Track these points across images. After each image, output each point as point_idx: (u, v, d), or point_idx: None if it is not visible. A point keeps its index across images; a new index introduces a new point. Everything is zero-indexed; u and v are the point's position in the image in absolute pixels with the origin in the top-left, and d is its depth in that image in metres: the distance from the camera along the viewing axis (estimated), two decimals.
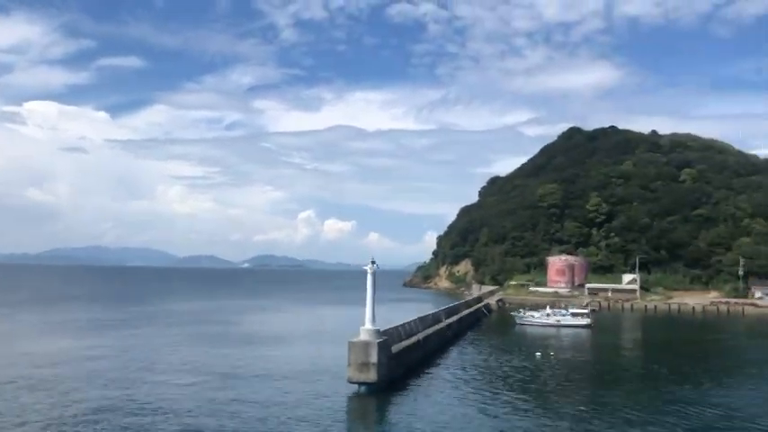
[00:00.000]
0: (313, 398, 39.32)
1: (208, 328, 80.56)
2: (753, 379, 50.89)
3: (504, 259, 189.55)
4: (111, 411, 34.39)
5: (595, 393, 43.49)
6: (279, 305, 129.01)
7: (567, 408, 38.09)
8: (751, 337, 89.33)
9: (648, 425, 33.95)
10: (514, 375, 50.17)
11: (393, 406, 37.97)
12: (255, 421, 33.23)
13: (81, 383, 41.99)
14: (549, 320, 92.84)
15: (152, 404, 36.40)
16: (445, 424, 33.68)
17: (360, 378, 40.70)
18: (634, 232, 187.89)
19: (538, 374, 51.02)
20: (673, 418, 35.40)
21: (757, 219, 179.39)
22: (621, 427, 33.56)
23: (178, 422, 32.71)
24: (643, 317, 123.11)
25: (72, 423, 31.87)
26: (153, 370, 47.84)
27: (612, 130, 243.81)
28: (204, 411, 35.10)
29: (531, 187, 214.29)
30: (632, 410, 37.40)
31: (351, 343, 41.29)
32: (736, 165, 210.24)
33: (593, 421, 34.68)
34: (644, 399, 41.39)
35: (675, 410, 37.43)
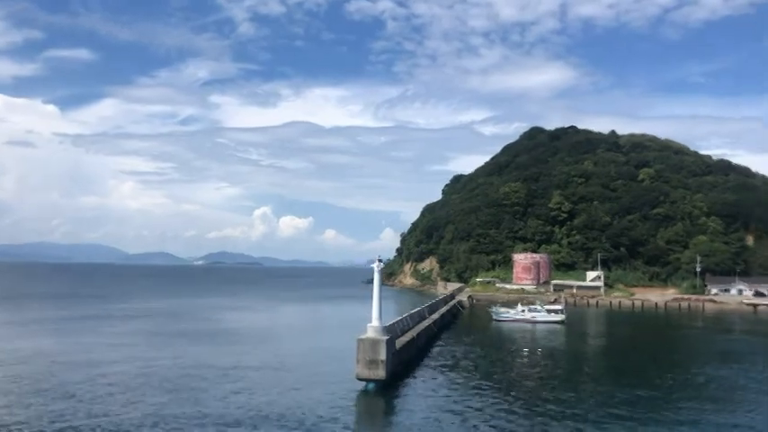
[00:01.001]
0: (323, 395, 39.30)
1: (194, 326, 79.58)
2: (727, 366, 53.01)
3: (469, 256, 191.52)
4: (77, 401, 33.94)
5: (593, 383, 44.68)
6: (254, 304, 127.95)
7: (566, 397, 39.15)
8: (718, 332, 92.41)
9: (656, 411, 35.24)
10: (511, 371, 51.12)
11: (403, 403, 38.30)
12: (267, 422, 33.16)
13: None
14: (524, 316, 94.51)
15: (168, 397, 36.10)
16: (459, 420, 34.22)
17: (369, 375, 40.92)
18: (595, 230, 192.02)
19: (532, 370, 52.05)
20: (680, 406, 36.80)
21: (713, 217, 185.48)
22: (616, 416, 34.72)
23: (184, 414, 32.63)
24: (609, 313, 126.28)
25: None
26: (158, 366, 47.24)
27: (573, 130, 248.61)
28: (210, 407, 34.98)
29: (495, 185, 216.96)
30: (632, 402, 38.71)
31: (360, 340, 41.42)
32: (692, 165, 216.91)
33: (593, 408, 35.79)
34: (642, 389, 42.76)
35: (681, 398, 38.91)
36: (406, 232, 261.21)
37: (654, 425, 33.56)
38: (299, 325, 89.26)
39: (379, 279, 44.58)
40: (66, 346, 58.32)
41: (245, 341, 65.48)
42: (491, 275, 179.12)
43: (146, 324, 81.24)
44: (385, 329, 43.12)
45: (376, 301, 43.59)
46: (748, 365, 56.72)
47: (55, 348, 57.04)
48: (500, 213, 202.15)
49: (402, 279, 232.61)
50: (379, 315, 43.29)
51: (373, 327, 42.64)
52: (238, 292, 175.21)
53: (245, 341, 65.51)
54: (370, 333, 42.17)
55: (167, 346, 59.41)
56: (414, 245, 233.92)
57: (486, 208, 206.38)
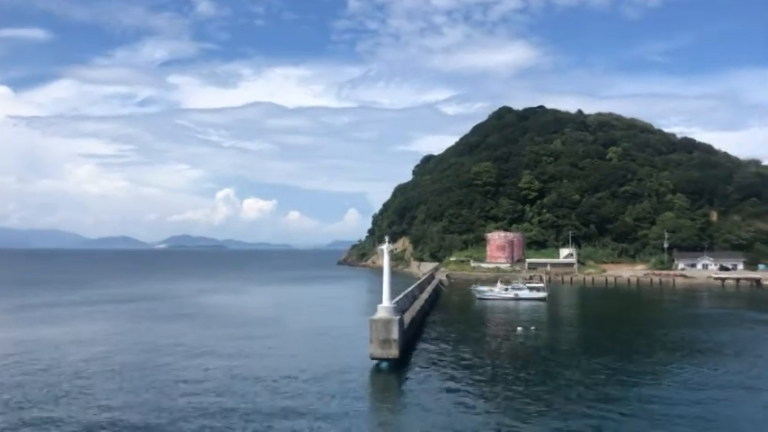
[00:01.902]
0: (337, 373, 39.82)
1: (183, 310, 79.11)
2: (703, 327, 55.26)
3: (442, 236, 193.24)
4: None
5: (588, 354, 46.13)
6: (236, 287, 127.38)
7: (567, 374, 40.51)
8: (693, 305, 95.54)
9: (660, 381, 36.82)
10: (510, 349, 52.29)
11: (417, 380, 39.06)
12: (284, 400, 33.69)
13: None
14: (508, 294, 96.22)
15: (179, 383, 36.30)
16: (473, 394, 35.21)
17: (382, 354, 41.68)
18: (565, 208, 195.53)
19: (530, 347, 53.32)
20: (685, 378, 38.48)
21: (678, 194, 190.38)
22: (626, 386, 36.17)
23: (203, 399, 32.96)
24: (584, 289, 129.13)
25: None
26: (160, 352, 47.13)
27: (541, 110, 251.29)
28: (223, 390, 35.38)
29: (466, 166, 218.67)
30: (639, 374, 40.28)
31: (372, 320, 42.07)
32: (658, 143, 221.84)
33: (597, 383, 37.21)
34: (641, 362, 44.42)
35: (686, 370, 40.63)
36: (378, 213, 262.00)
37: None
38: (290, 306, 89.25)
39: (388, 261, 45.22)
40: (67, 334, 57.68)
41: (243, 325, 65.52)
42: (465, 255, 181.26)
43: (138, 308, 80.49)
44: (395, 309, 43.81)
45: (386, 282, 44.22)
46: (717, 330, 59.15)
47: (59, 337, 56.38)
48: (472, 193, 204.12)
49: (375, 260, 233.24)
50: (389, 296, 43.93)
51: (385, 307, 43.36)
52: (213, 276, 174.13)
53: (243, 325, 65.54)
54: (382, 313, 42.85)
55: (165, 329, 59.26)
56: (386, 225, 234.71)
57: (457, 188, 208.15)
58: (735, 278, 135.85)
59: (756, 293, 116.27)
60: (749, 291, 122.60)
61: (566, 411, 31.68)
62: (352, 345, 53.24)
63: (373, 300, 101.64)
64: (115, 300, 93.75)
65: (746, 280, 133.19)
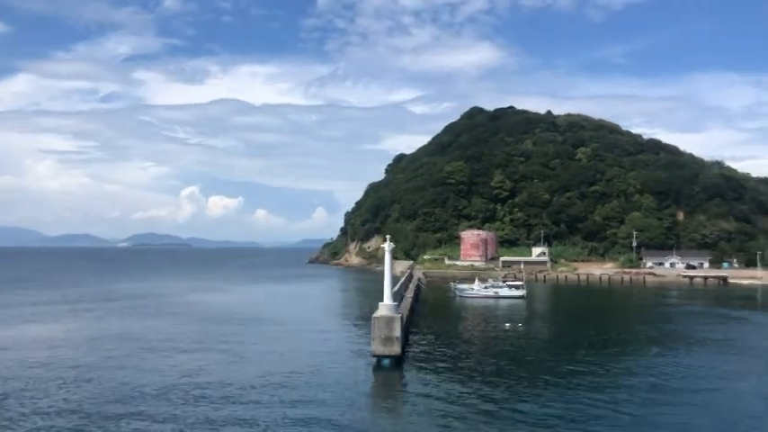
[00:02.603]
0: (339, 375, 40.39)
1: (168, 309, 78.64)
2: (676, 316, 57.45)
3: (416, 234, 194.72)
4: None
5: (581, 355, 47.70)
6: (215, 286, 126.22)
7: (557, 359, 41.94)
8: (667, 303, 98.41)
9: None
10: (503, 344, 53.46)
11: (420, 377, 39.89)
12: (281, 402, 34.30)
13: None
14: (487, 292, 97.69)
15: (181, 379, 36.58)
16: (474, 388, 36.28)
17: (385, 352, 42.30)
18: (536, 207, 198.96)
19: (521, 342, 54.63)
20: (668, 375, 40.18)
21: (646, 194, 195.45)
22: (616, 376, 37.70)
23: (208, 393, 33.36)
24: (557, 286, 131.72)
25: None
26: (156, 348, 47.15)
27: (512, 111, 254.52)
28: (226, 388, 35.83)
29: (439, 165, 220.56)
30: (624, 371, 41.88)
31: (375, 318, 42.68)
32: (625, 144, 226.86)
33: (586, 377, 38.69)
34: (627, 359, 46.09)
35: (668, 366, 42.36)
36: (351, 211, 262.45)
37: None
38: (274, 304, 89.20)
39: (389, 260, 45.93)
40: (61, 333, 57.17)
41: (230, 323, 65.54)
42: (438, 253, 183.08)
43: (123, 307, 79.72)
44: (397, 307, 44.61)
45: (387, 280, 44.93)
46: (697, 325, 61.46)
47: (61, 336, 55.84)
48: (445, 192, 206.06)
49: (348, 258, 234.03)
50: (390, 294, 44.68)
51: (386, 305, 44.04)
52: (188, 274, 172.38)
53: (231, 323, 65.57)
54: (383, 311, 43.50)
55: (159, 327, 59.10)
56: (359, 224, 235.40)
57: (431, 187, 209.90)
58: (703, 276, 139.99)
59: (724, 291, 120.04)
60: (717, 288, 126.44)
61: (566, 401, 32.95)
62: (348, 342, 54.05)
63: (355, 298, 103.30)
64: (94, 299, 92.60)
65: (714, 278, 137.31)
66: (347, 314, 79.58)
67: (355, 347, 50.33)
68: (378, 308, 44.40)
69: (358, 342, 53.05)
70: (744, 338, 58.14)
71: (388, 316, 42.87)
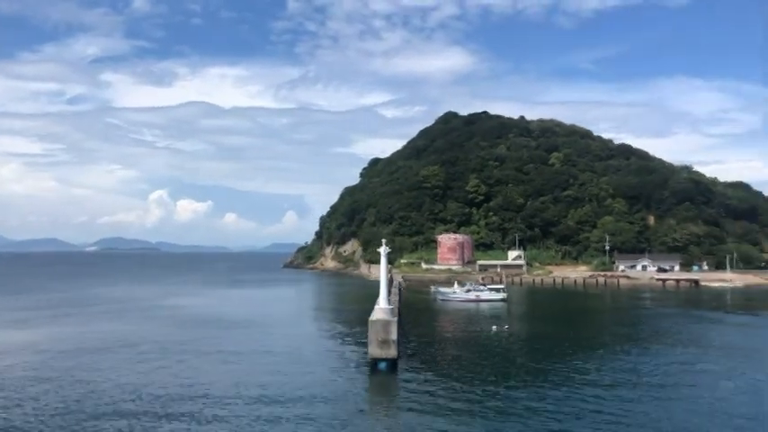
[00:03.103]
0: (336, 377, 40.99)
1: (157, 312, 78.13)
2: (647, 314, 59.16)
3: (392, 238, 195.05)
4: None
5: (569, 354, 48.93)
6: (193, 290, 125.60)
7: (551, 359, 43.07)
8: (642, 305, 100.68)
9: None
10: (492, 346, 54.45)
11: (416, 379, 40.58)
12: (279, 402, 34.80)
13: None
14: (469, 296, 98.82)
15: (175, 381, 36.79)
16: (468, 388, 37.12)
17: (381, 354, 42.87)
18: (510, 211, 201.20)
19: (510, 343, 55.69)
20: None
21: (618, 199, 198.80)
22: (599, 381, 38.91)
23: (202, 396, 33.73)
24: (534, 289, 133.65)
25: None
26: (139, 349, 47.09)
27: (486, 116, 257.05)
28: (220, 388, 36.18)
29: (414, 169, 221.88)
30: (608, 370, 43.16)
31: (371, 321, 43.29)
32: (597, 149, 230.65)
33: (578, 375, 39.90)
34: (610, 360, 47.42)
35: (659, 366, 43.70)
36: (326, 215, 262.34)
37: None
38: (262, 308, 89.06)
39: (385, 264, 46.65)
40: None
41: (219, 327, 65.46)
42: (415, 257, 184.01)
43: (107, 311, 79.04)
44: (393, 311, 45.25)
45: (383, 284, 45.61)
46: (676, 325, 63.31)
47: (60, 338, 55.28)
48: (421, 196, 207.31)
49: (323, 262, 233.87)
50: (386, 297, 45.34)
51: (382, 308, 44.67)
52: (163, 279, 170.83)
53: (220, 327, 65.49)
54: (380, 315, 44.08)
55: (146, 331, 58.84)
56: (335, 228, 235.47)
57: (406, 191, 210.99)
58: (675, 279, 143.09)
59: (695, 293, 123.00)
60: (688, 291, 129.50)
61: (560, 399, 33.98)
62: (341, 345, 54.57)
63: (340, 302, 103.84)
64: (71, 304, 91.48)
65: (686, 281, 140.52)
66: (335, 318, 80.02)
67: (349, 350, 50.96)
68: (374, 311, 45.01)
69: (351, 345, 53.69)
70: (715, 338, 60.34)
71: (384, 319, 43.47)
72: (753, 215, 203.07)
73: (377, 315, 44.24)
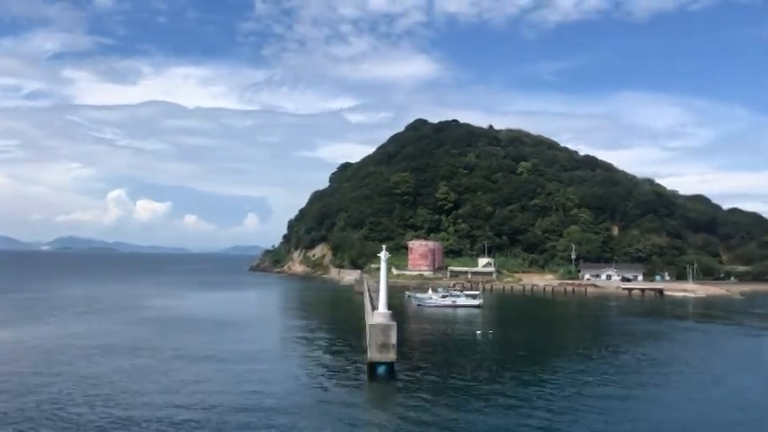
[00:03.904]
0: (336, 380, 41.82)
1: (140, 313, 77.42)
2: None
3: (363, 243, 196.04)
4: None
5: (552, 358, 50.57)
6: (165, 292, 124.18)
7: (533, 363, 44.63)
8: (612, 313, 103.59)
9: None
10: (480, 350, 55.84)
11: (415, 382, 41.60)
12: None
13: None
14: (445, 301, 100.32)
15: (175, 386, 37.15)
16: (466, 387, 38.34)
17: (381, 358, 43.66)
18: (479, 219, 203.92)
19: (497, 348, 57.16)
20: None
21: (583, 209, 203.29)
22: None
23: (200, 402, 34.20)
24: (505, 296, 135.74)
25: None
26: (139, 355, 47.06)
27: (455, 124, 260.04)
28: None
29: (385, 175, 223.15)
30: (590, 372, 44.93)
31: (371, 326, 44.11)
32: (563, 160, 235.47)
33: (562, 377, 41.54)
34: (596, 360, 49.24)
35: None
36: (294, 219, 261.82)
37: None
38: (244, 312, 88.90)
39: (385, 269, 47.45)
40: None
41: (202, 330, 65.39)
42: None
43: (93, 310, 78.01)
44: (392, 315, 46.18)
45: (383, 288, 46.43)
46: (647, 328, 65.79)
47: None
48: (391, 202, 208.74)
49: (291, 266, 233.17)
50: (385, 302, 46.22)
51: (381, 313, 45.52)
52: (132, 280, 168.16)
53: (202, 330, 65.41)
54: (379, 319, 44.89)
55: (126, 335, 58.55)
56: (304, 232, 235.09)
57: (377, 196, 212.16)
58: (640, 288, 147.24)
59: (660, 302, 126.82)
60: (653, 300, 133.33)
61: (553, 398, 35.52)
62: (334, 350, 55.19)
63: (320, 306, 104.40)
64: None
65: (651, 290, 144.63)
66: (321, 322, 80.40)
67: (345, 355, 51.66)
68: (373, 315, 45.87)
69: (344, 349, 54.45)
70: (679, 340, 63.03)
71: (384, 323, 44.26)
72: (712, 228, 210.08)
73: (376, 319, 45.05)
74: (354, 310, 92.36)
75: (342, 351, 53.82)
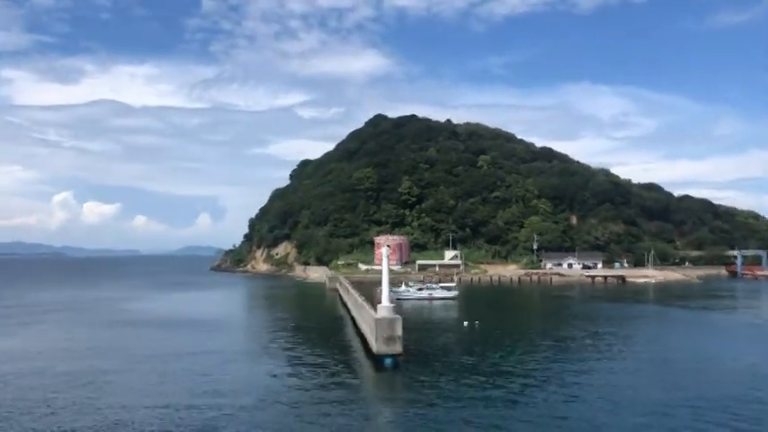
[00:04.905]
0: (343, 369, 42.98)
1: (120, 316, 76.61)
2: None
3: (328, 240, 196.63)
4: None
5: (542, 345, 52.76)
6: (136, 295, 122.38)
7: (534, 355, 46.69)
8: (579, 298, 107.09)
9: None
10: (471, 339, 57.57)
11: (421, 372, 43.05)
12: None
13: None
14: (422, 294, 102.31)
15: (196, 380, 37.85)
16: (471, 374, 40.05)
17: (387, 351, 45.01)
18: (442, 213, 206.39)
19: (486, 337, 58.94)
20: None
21: (543, 200, 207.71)
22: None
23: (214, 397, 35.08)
24: (474, 287, 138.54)
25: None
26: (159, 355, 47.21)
27: (414, 119, 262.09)
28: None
29: (347, 171, 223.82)
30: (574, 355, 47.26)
31: (377, 320, 45.37)
32: (521, 152, 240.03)
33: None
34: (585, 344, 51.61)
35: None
36: (255, 218, 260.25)
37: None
38: (222, 310, 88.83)
39: (387, 265, 48.80)
40: None
41: (189, 330, 65.44)
42: (352, 258, 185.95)
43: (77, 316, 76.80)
44: (395, 309, 47.52)
45: (385, 284, 47.81)
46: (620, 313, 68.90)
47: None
48: (354, 198, 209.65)
49: (254, 265, 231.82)
50: (388, 296, 47.55)
51: (385, 307, 46.95)
52: (89, 284, 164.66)
53: (190, 330, 65.46)
54: (384, 313, 46.31)
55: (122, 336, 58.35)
56: (266, 230, 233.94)
57: (340, 193, 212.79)
58: (603, 276, 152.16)
59: (622, 288, 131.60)
60: (616, 286, 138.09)
61: (551, 383, 37.50)
62: (334, 344, 56.11)
63: (300, 303, 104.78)
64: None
65: (613, 277, 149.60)
66: (306, 319, 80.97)
67: (347, 348, 52.70)
68: (378, 309, 47.18)
69: (344, 343, 55.44)
70: (645, 322, 66.27)
71: (389, 317, 45.64)
72: (665, 215, 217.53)
73: (381, 313, 46.42)
74: (334, 306, 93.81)
75: (341, 345, 54.77)
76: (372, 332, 45.90)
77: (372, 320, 46.12)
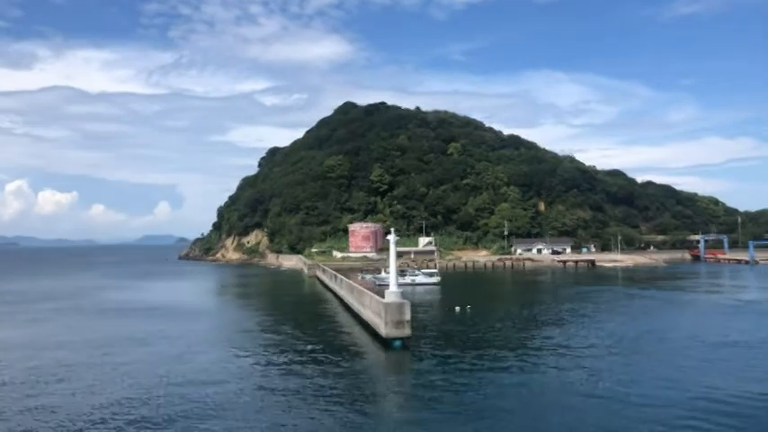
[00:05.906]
0: (352, 357, 44.27)
1: (105, 305, 76.26)
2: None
3: (301, 228, 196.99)
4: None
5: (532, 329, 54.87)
6: (110, 283, 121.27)
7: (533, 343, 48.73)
8: (555, 284, 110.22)
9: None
10: (467, 323, 59.30)
11: (428, 354, 44.66)
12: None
13: None
14: (405, 280, 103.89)
15: (199, 373, 38.74)
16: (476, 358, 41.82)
17: (396, 334, 46.48)
18: (414, 200, 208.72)
19: (482, 322, 60.80)
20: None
21: (512, 187, 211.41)
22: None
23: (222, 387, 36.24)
24: (450, 273, 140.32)
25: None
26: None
27: (384, 106, 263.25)
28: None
29: (318, 159, 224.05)
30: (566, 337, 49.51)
31: (386, 304, 46.76)
32: (491, 140, 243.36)
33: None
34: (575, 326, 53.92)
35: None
36: (224, 206, 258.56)
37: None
38: (205, 300, 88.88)
39: (394, 252, 50.14)
40: None
41: (182, 318, 65.78)
42: (325, 246, 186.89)
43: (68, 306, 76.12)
44: (402, 293, 48.99)
45: (393, 270, 49.20)
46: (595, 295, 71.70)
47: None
48: (326, 186, 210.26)
49: (225, 254, 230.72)
50: (395, 282, 48.98)
51: (393, 292, 48.42)
52: (49, 274, 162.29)
53: (182, 318, 65.81)
54: (392, 298, 47.77)
55: (128, 324, 58.52)
56: (236, 219, 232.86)
57: (311, 181, 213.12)
58: (574, 260, 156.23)
59: (593, 272, 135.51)
60: (587, 270, 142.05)
61: (551, 367, 39.34)
62: (335, 329, 57.23)
63: (287, 291, 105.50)
64: None
65: (584, 262, 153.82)
66: (295, 305, 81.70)
67: (346, 332, 53.90)
68: (386, 294, 48.61)
69: (344, 328, 56.60)
70: (619, 304, 69.17)
71: (398, 302, 47.06)
72: (630, 200, 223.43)
73: (389, 298, 47.85)
74: (319, 291, 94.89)
75: (341, 330, 55.89)
76: (381, 317, 47.24)
77: (381, 305, 47.43)
